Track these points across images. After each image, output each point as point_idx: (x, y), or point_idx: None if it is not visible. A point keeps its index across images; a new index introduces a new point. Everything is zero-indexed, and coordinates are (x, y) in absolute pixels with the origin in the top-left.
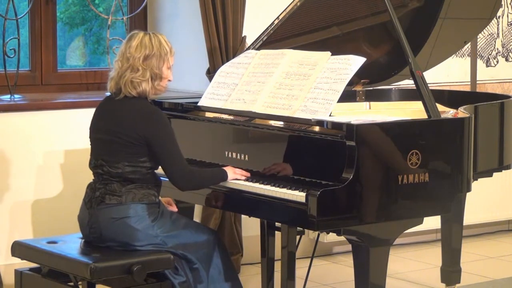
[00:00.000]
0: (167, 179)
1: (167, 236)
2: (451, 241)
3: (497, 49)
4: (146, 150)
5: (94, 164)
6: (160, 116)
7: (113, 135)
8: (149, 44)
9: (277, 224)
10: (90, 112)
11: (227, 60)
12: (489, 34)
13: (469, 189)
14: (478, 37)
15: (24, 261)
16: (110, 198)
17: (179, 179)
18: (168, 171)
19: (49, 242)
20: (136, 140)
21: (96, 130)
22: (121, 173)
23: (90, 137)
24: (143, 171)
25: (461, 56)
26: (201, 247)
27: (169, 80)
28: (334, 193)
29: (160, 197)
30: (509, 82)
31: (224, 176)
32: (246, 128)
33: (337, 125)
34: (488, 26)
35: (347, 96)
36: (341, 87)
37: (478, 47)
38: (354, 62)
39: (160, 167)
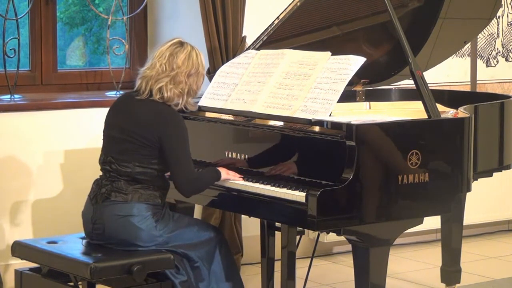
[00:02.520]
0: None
1: (170, 236)
2: (451, 241)
3: (497, 49)
4: (158, 152)
5: (103, 160)
6: (178, 120)
7: (128, 134)
8: (196, 62)
9: (277, 224)
10: (90, 112)
11: (227, 60)
12: (489, 34)
13: (469, 189)
14: (478, 37)
15: (24, 261)
16: (116, 195)
17: (183, 185)
18: (174, 175)
19: (49, 242)
20: (151, 141)
21: (111, 126)
22: (130, 172)
23: (103, 132)
24: (153, 173)
25: (461, 56)
26: (203, 245)
27: None
28: (334, 193)
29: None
30: (509, 82)
31: (219, 176)
32: (246, 128)
33: (337, 125)
34: (488, 26)
35: (347, 96)
36: (341, 87)
37: (478, 47)
38: (354, 62)
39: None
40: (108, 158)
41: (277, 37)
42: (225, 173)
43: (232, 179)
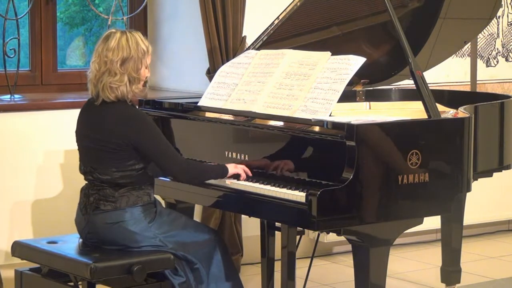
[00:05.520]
0: (168, 180)
1: (165, 237)
2: (451, 241)
3: (497, 49)
4: (133, 153)
5: (84, 171)
6: (140, 118)
7: (98, 143)
8: (126, 47)
9: (277, 224)
10: None
11: (227, 60)
12: (489, 34)
13: (469, 189)
14: (478, 37)
15: (24, 261)
16: (105, 204)
17: (178, 172)
18: (165, 168)
19: (49, 242)
20: (121, 146)
21: (81, 137)
22: (110, 179)
23: (76, 142)
24: (132, 174)
25: (461, 56)
26: (201, 247)
27: (146, 77)
28: (334, 193)
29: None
30: (509, 82)
31: (224, 170)
32: (246, 128)
33: (337, 125)
34: (488, 26)
35: (347, 96)
36: (341, 87)
37: (478, 47)
38: (354, 62)
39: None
40: (88, 168)
41: (277, 37)
42: (233, 167)
43: (241, 173)
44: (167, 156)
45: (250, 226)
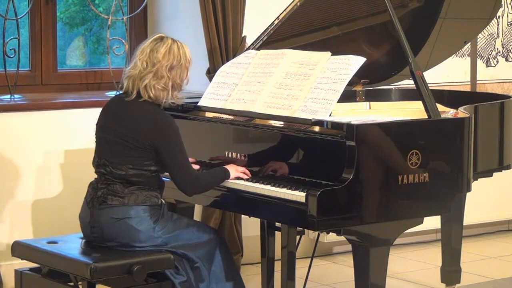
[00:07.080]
0: (168, 179)
1: (168, 237)
2: (451, 241)
3: (497, 49)
4: (152, 154)
5: (97, 163)
6: (170, 123)
7: (120, 137)
8: (177, 54)
9: (277, 224)
10: (90, 112)
11: (227, 60)
12: (489, 34)
13: (469, 189)
14: (478, 37)
15: (24, 261)
16: (112, 199)
17: (186, 186)
18: (175, 177)
19: (49, 242)
20: (143, 144)
21: (103, 129)
22: (124, 175)
23: (96, 135)
24: (146, 175)
25: (461, 56)
26: (203, 246)
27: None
28: (334, 193)
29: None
30: (509, 82)
31: (227, 176)
32: (246, 128)
33: (337, 125)
34: (488, 26)
35: (347, 96)
36: (341, 87)
37: (478, 47)
38: (354, 62)
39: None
40: (102, 161)
41: (277, 37)
42: (234, 171)
43: (242, 176)
44: (181, 166)
45: (250, 226)
